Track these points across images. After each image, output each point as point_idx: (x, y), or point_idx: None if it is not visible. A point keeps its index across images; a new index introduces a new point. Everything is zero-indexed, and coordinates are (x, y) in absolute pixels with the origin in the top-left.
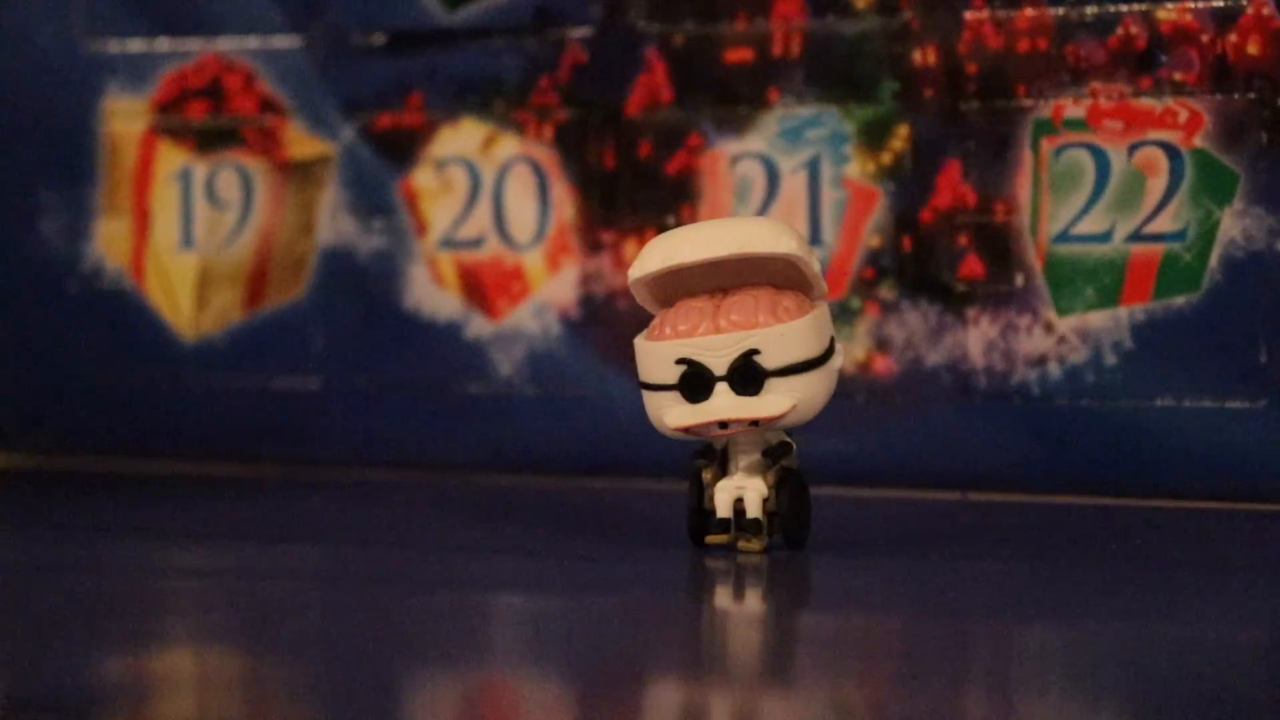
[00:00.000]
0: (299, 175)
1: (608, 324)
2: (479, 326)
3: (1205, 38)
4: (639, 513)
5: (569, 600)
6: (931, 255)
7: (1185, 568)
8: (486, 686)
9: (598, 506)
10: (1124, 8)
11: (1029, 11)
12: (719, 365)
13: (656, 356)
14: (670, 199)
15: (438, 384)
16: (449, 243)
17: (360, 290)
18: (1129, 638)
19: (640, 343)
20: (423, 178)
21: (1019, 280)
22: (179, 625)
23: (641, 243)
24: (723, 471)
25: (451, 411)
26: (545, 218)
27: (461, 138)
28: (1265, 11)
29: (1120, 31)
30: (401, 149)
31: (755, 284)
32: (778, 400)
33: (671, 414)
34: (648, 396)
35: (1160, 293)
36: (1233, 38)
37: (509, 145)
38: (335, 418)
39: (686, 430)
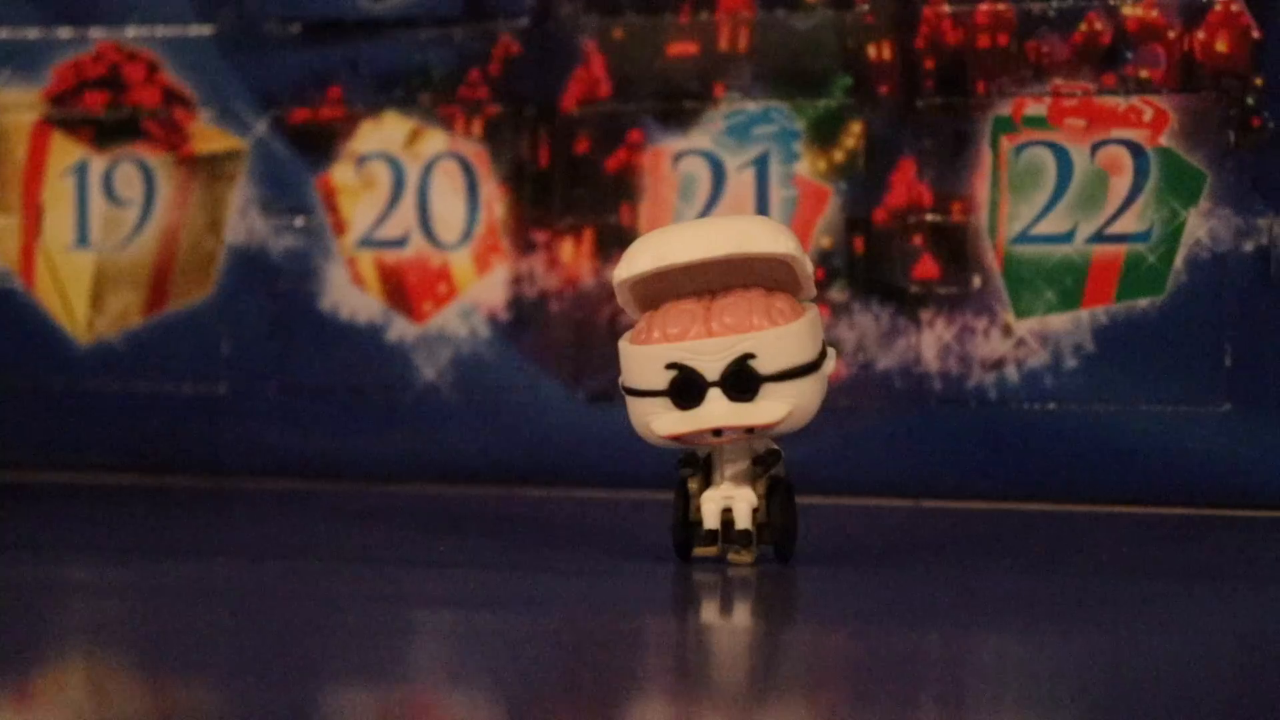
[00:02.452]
0: (206, 170)
1: (540, 327)
2: (401, 329)
3: (1172, 34)
4: (579, 523)
5: (506, 616)
6: (885, 256)
7: (1148, 574)
8: (419, 713)
9: (534, 517)
10: (1088, 3)
11: (989, 6)
12: (712, 370)
13: (644, 361)
14: (609, 197)
15: (357, 390)
16: (370, 242)
17: (273, 291)
18: (1094, 647)
19: (626, 346)
20: (342, 174)
21: (976, 282)
22: (72, 647)
23: (578, 243)
24: (707, 481)
25: (372, 419)
26: (474, 216)
27: (384, 132)
28: (1234, 8)
29: (1084, 27)
30: (319, 144)
31: (745, 285)
32: (773, 406)
33: (660, 421)
34: (633, 403)
35: (1123, 295)
36: (1200, 35)
37: (435, 141)
38: (245, 426)
39: (677, 438)
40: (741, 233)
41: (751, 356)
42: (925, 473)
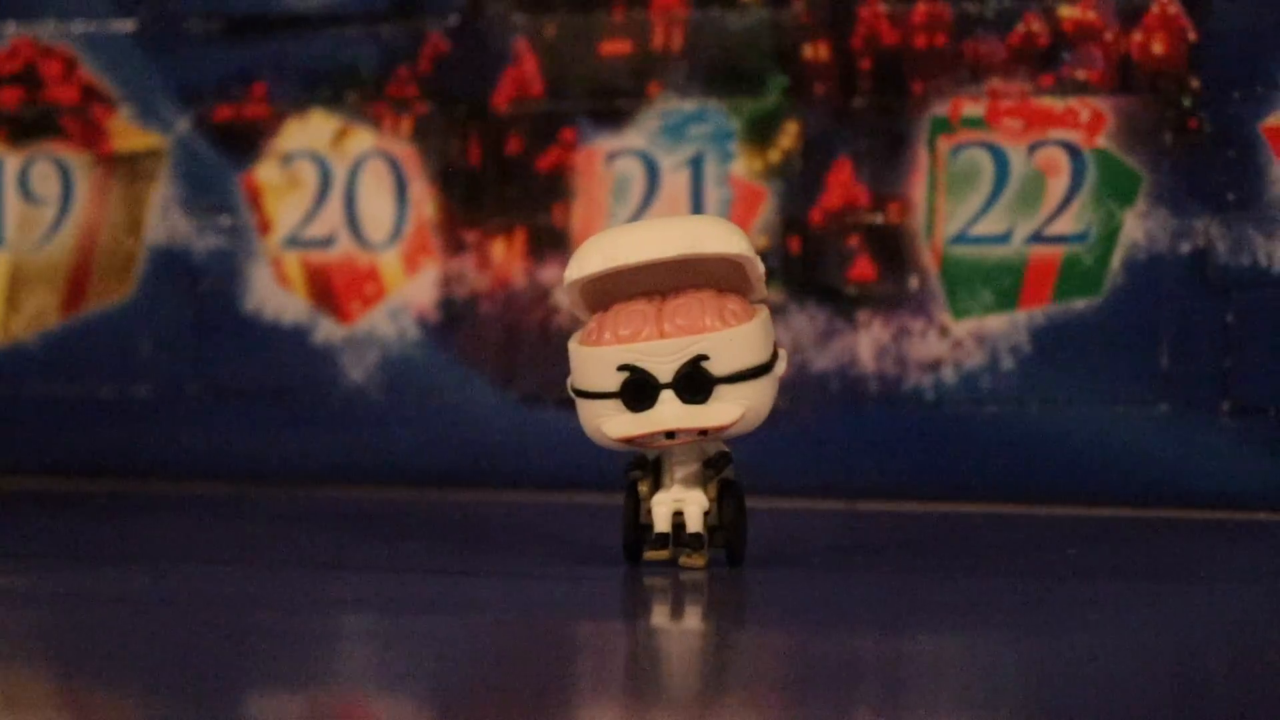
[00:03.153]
0: (126, 169)
1: (471, 328)
2: (328, 330)
3: (1109, 36)
4: (512, 526)
5: (436, 620)
6: (821, 257)
7: (1085, 575)
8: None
9: (465, 520)
10: (1025, 4)
11: (926, 6)
12: (664, 372)
13: (595, 362)
14: (542, 197)
15: (282, 392)
16: (296, 242)
17: (194, 292)
18: (1031, 648)
19: (576, 348)
20: (267, 173)
21: (913, 283)
22: None
23: (510, 243)
24: (656, 483)
25: (298, 421)
26: (403, 216)
27: (310, 131)
28: (1170, 10)
29: (1021, 28)
30: (243, 142)
31: (696, 286)
32: (727, 409)
33: (612, 424)
34: (584, 405)
35: (1060, 295)
36: (1137, 36)
37: (363, 139)
38: (166, 429)
39: (629, 441)
40: (693, 233)
41: (704, 358)
42: (861, 474)
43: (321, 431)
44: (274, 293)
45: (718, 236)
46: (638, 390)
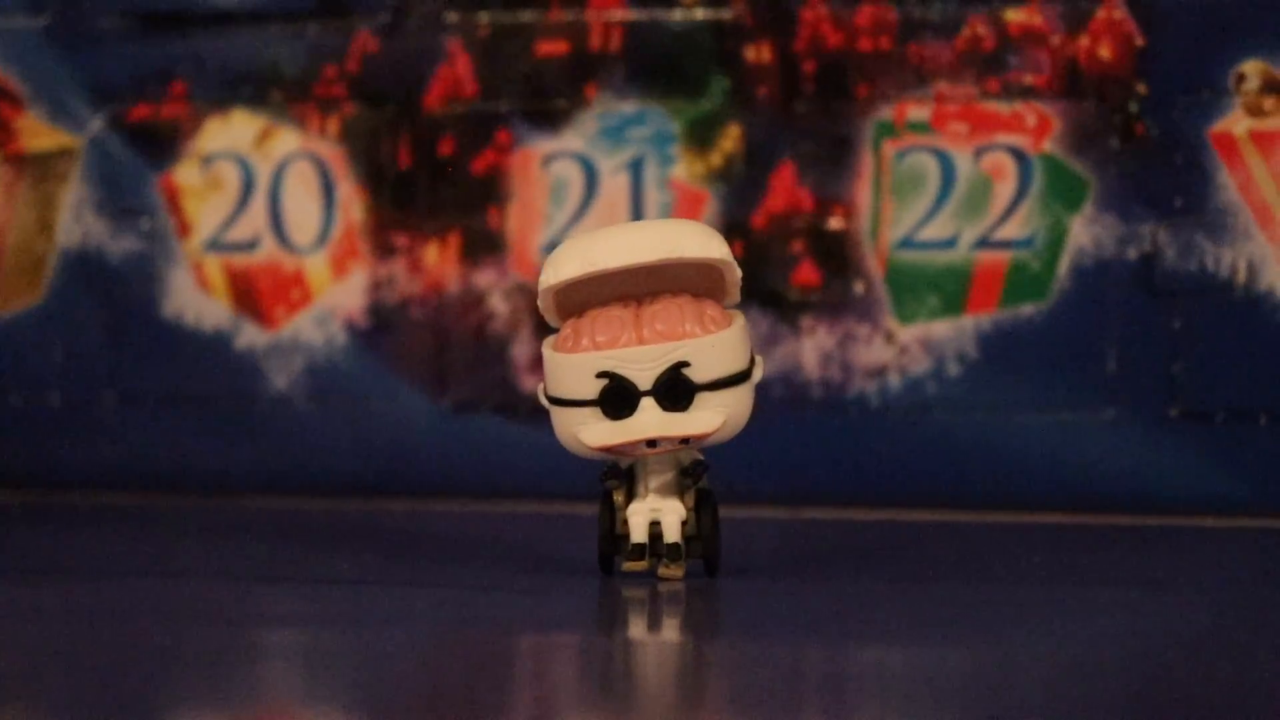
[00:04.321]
0: (36, 169)
1: (401, 334)
2: (251, 336)
3: (1055, 40)
4: (444, 537)
5: (362, 635)
6: (764, 262)
7: (1032, 582)
8: None
9: (396, 531)
10: (971, 7)
11: (871, 8)
12: (644, 379)
13: (572, 369)
14: (476, 200)
15: (202, 400)
16: (217, 245)
17: (109, 296)
18: (977, 656)
19: (551, 354)
20: (186, 174)
21: (858, 288)
22: None
23: (443, 246)
24: (630, 493)
25: (219, 430)
26: (330, 219)
27: (232, 131)
28: (1117, 15)
29: (967, 32)
30: (161, 142)
31: (672, 291)
32: (708, 416)
33: (590, 432)
34: (559, 413)
35: (1007, 301)
36: (1084, 41)
37: (288, 140)
38: (80, 438)
39: (609, 450)
40: (672, 237)
41: (685, 365)
42: (805, 482)
43: (244, 441)
44: (194, 298)
45: (696, 241)
46: (617, 398)
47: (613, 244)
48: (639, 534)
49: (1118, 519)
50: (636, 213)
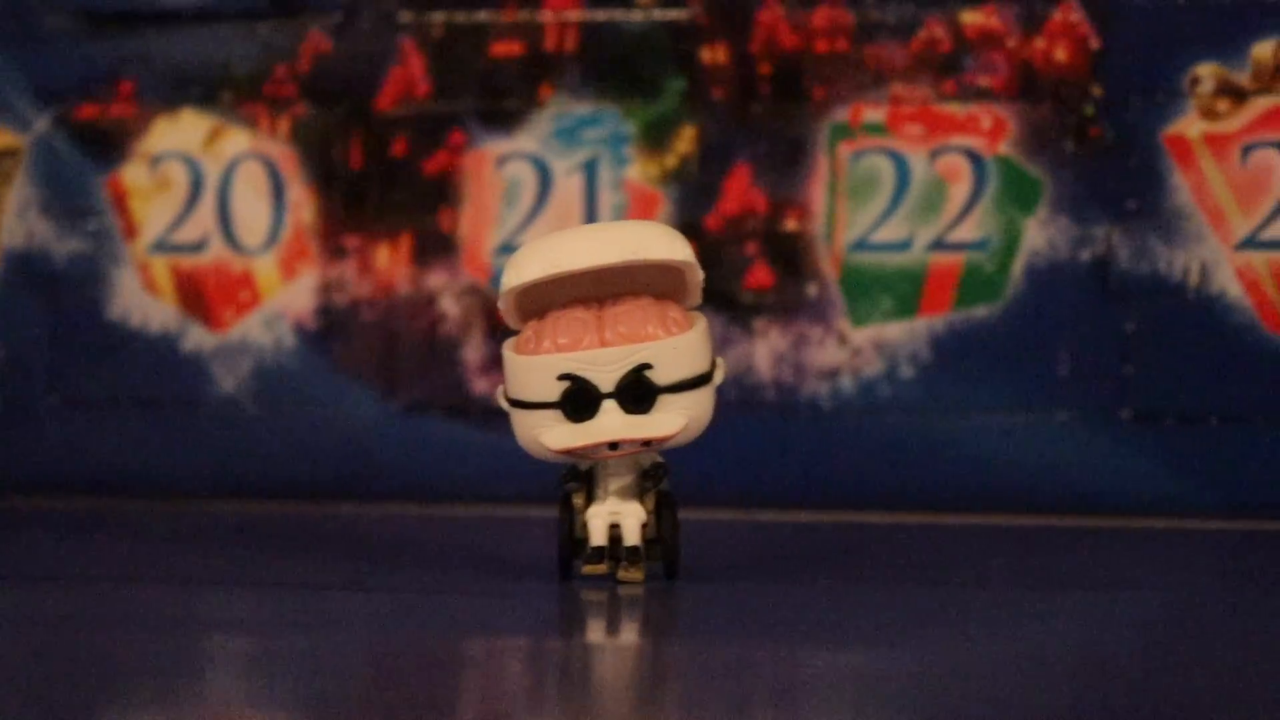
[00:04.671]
0: None
1: (351, 336)
2: (198, 338)
3: (1011, 43)
4: (395, 540)
5: (311, 639)
6: (718, 264)
7: (984, 583)
8: None
9: (346, 534)
10: (927, 9)
11: (827, 10)
12: (606, 381)
13: (534, 371)
14: (429, 201)
15: (149, 402)
16: (164, 246)
17: (54, 298)
18: (928, 657)
19: (513, 356)
20: (134, 175)
21: (812, 290)
22: None
23: (394, 248)
24: (589, 496)
25: (166, 433)
26: (279, 220)
27: (181, 131)
28: (1073, 18)
29: (923, 34)
30: (108, 143)
31: (634, 293)
32: (670, 419)
33: (552, 435)
34: (520, 415)
35: (961, 303)
36: (1040, 43)
37: (238, 140)
38: (22, 442)
39: (570, 452)
40: (635, 239)
41: (648, 367)
42: (758, 484)
43: (191, 444)
44: (140, 299)
45: (661, 243)
46: (579, 400)
47: (576, 245)
48: (599, 537)
49: (1069, 520)
50: (591, 214)
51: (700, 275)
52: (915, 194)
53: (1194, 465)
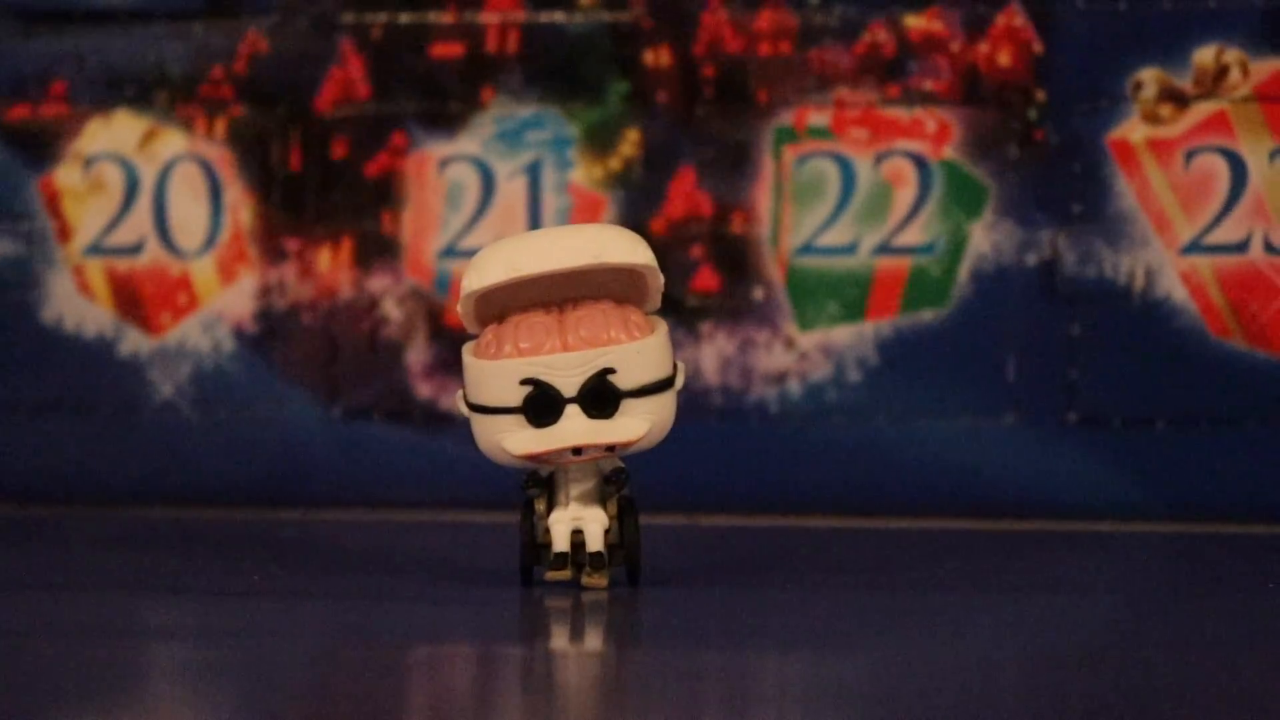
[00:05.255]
0: None
1: (291, 340)
2: (135, 343)
3: (955, 47)
4: (335, 547)
5: (250, 647)
6: (663, 267)
7: (931, 588)
8: None
9: (285, 541)
10: (871, 13)
11: (771, 13)
12: (569, 386)
13: (495, 376)
14: (370, 204)
15: (82, 407)
16: (99, 249)
17: None
18: (877, 662)
19: (474, 361)
20: (67, 176)
21: (758, 294)
22: None
23: (335, 251)
24: (550, 501)
25: (101, 439)
26: (217, 223)
27: (115, 133)
28: (1016, 22)
29: (867, 38)
30: (40, 144)
31: (593, 297)
32: (634, 423)
33: (514, 440)
34: (481, 420)
35: (907, 307)
36: (983, 48)
37: (173, 142)
38: None
39: (534, 458)
40: (598, 242)
41: (611, 371)
42: (704, 489)
43: (128, 450)
44: (75, 303)
45: (622, 246)
46: (541, 405)
47: (538, 249)
48: (561, 543)
49: (1016, 524)
50: (534, 218)
51: (661, 279)
52: (861, 198)
53: (1141, 468)
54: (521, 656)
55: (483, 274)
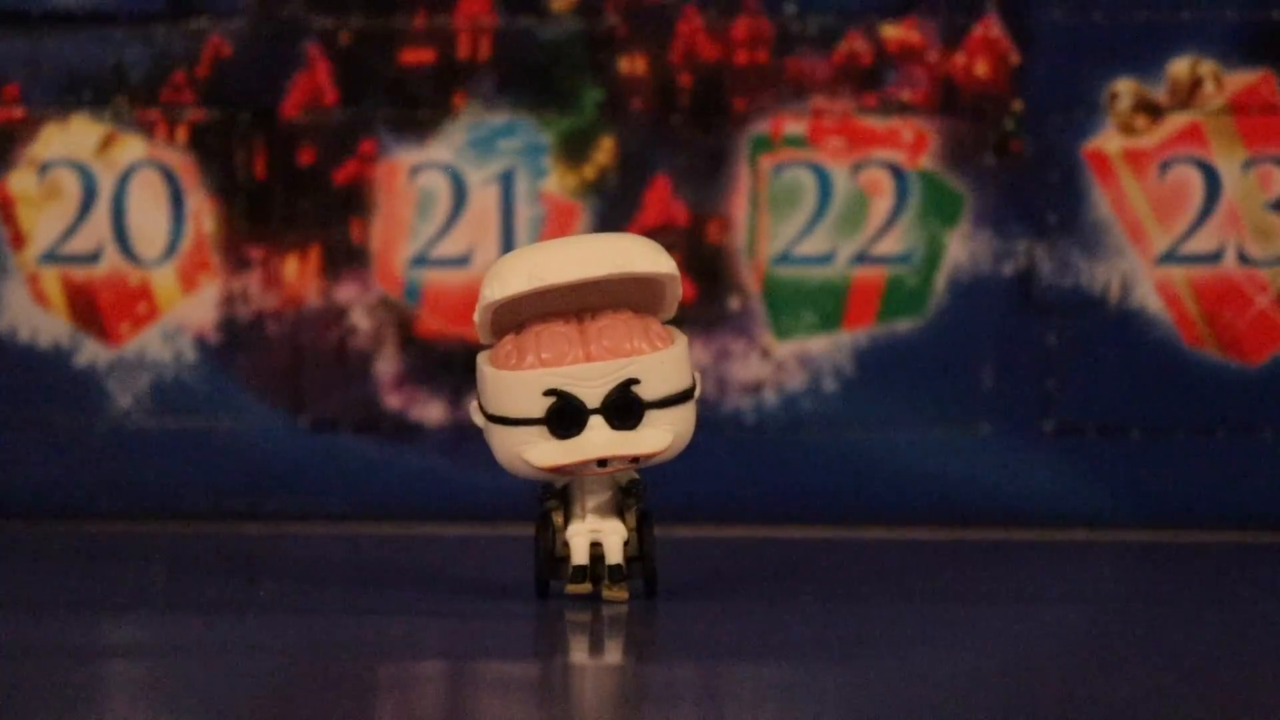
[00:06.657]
0: None
1: (254, 350)
2: (93, 353)
3: (932, 57)
4: (297, 560)
5: (207, 662)
6: None
7: (907, 598)
8: None
9: (248, 554)
10: (848, 22)
11: (748, 21)
12: (593, 397)
13: (517, 387)
14: (337, 211)
15: (38, 420)
16: (55, 257)
17: None
18: (856, 673)
19: (493, 372)
20: (21, 182)
21: (734, 304)
22: None
23: (302, 259)
24: (567, 513)
25: (57, 451)
26: (179, 230)
27: (72, 138)
28: (993, 33)
29: (844, 47)
30: None
31: (613, 307)
32: (658, 435)
33: (537, 451)
34: (501, 432)
35: (884, 317)
36: (960, 58)
37: (133, 148)
38: None
39: (558, 470)
40: (621, 251)
41: (635, 382)
42: (679, 499)
43: (86, 463)
44: (30, 312)
45: (645, 256)
46: (565, 416)
47: (560, 258)
48: (580, 556)
49: (992, 533)
50: (507, 227)
51: (680, 289)
52: (837, 207)
53: (1116, 478)
54: (539, 672)
55: (505, 283)
